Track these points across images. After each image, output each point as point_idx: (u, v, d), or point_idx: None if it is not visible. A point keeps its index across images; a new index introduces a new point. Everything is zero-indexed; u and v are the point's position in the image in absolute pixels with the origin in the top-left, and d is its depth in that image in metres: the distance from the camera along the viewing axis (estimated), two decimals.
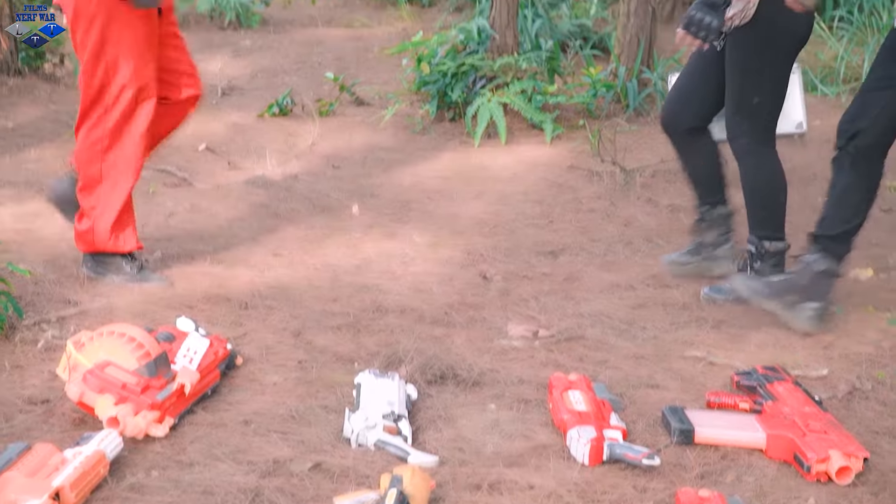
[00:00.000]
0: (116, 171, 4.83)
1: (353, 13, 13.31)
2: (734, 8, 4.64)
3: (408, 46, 9.36)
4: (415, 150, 7.72)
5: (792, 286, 4.50)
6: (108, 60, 4.70)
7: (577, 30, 10.06)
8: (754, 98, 4.69)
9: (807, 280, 4.49)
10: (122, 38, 4.67)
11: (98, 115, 4.81)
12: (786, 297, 4.50)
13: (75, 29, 4.73)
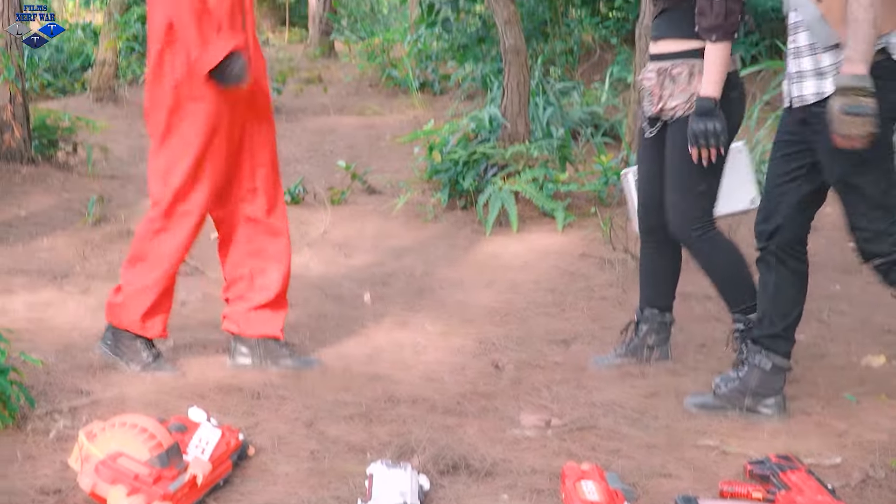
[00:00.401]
0: (160, 254, 4.80)
1: (365, 101, 13.41)
2: (677, 98, 4.71)
3: (419, 135, 9.42)
4: (426, 238, 7.74)
5: (743, 390, 4.49)
6: (173, 149, 4.72)
7: (588, 117, 10.11)
8: (700, 185, 4.74)
9: (756, 381, 4.48)
10: (190, 129, 4.69)
11: (157, 196, 4.78)
12: (740, 402, 4.49)
13: (148, 113, 4.80)
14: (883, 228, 4.16)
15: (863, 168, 4.12)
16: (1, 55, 8.51)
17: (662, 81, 4.77)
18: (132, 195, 8.62)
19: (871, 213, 4.16)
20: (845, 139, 3.94)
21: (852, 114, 3.87)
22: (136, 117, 11.93)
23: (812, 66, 4.19)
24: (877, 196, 4.15)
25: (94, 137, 9.92)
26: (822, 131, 4.15)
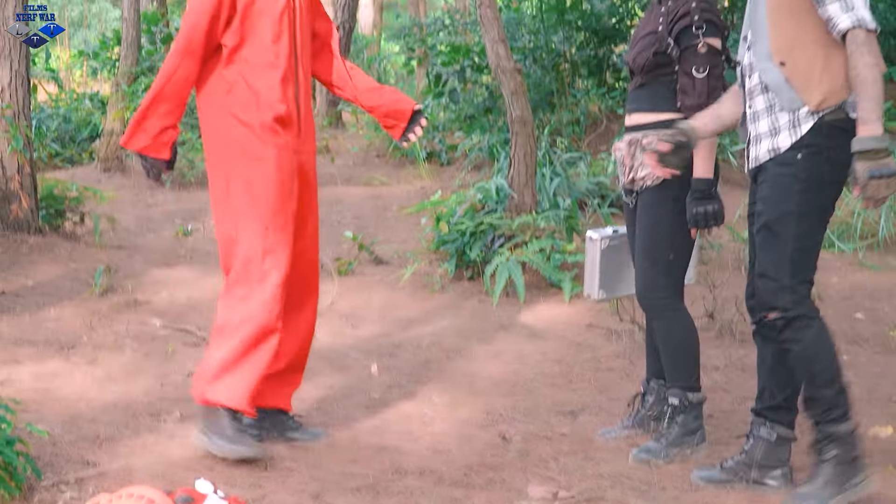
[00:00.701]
0: (243, 324, 4.70)
1: (372, 171, 13.45)
2: (644, 169, 4.74)
3: (426, 206, 9.45)
4: (433, 309, 7.74)
5: (749, 463, 4.48)
6: (234, 212, 4.71)
7: (595, 188, 10.13)
8: (669, 254, 4.78)
9: (762, 453, 4.47)
10: (251, 188, 4.69)
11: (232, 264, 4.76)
12: (746, 475, 4.47)
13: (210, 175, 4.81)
14: (788, 284, 4.16)
15: (791, 220, 4.15)
16: (9, 125, 8.56)
17: (633, 152, 4.83)
18: (139, 265, 8.64)
19: (783, 266, 4.17)
20: (874, 202, 3.95)
21: (878, 177, 3.87)
22: (143, 187, 11.99)
23: (768, 127, 4.21)
24: (794, 251, 4.16)
25: (101, 207, 9.96)
26: (765, 180, 4.21)
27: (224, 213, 4.73)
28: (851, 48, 3.95)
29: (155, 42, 15.90)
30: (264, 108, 4.66)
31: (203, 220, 10.37)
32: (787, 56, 4.12)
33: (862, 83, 3.93)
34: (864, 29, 3.94)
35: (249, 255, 4.65)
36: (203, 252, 9.22)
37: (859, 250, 8.89)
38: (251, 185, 4.65)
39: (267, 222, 4.65)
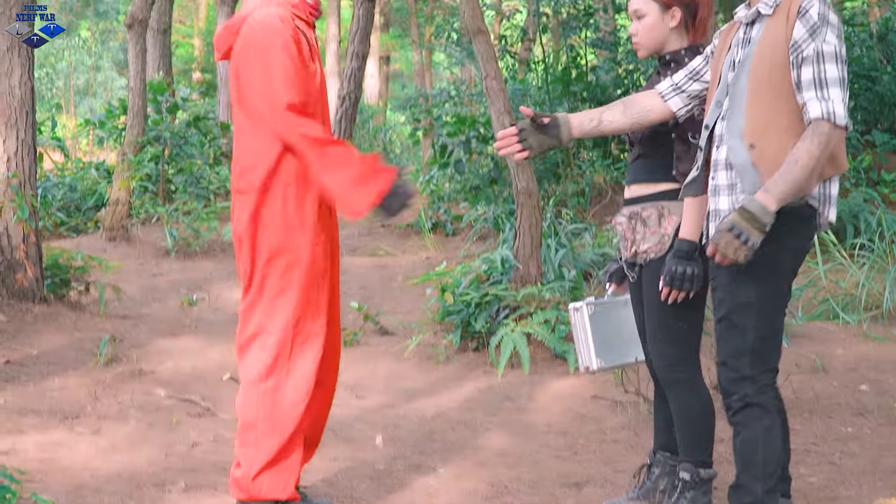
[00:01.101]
0: (283, 418, 4.66)
1: (378, 241, 13.48)
2: (648, 241, 4.73)
3: (431, 276, 9.45)
4: (438, 380, 7.73)
5: None
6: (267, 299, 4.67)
7: (600, 259, 10.14)
8: (682, 325, 4.72)
9: None
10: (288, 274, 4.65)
11: (259, 346, 4.70)
12: None
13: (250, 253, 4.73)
14: (749, 374, 4.12)
15: (750, 311, 4.11)
16: (15, 194, 8.60)
17: (634, 225, 4.81)
18: (144, 335, 8.64)
19: (743, 357, 4.12)
20: (716, 253, 3.95)
21: (736, 235, 3.88)
22: (148, 257, 12.02)
23: (728, 206, 4.18)
24: (754, 341, 4.12)
25: (106, 277, 9.98)
26: (721, 267, 4.15)
27: (257, 298, 4.70)
28: (807, 132, 3.93)
29: (161, 111, 15.97)
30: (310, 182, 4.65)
31: (208, 290, 10.38)
32: (759, 139, 4.08)
33: (792, 162, 3.89)
34: (830, 122, 3.93)
35: (281, 344, 4.63)
36: (208, 322, 9.23)
37: (864, 322, 8.88)
38: (290, 269, 4.64)
39: (301, 311, 4.65)
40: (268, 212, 4.60)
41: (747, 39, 4.26)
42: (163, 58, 19.76)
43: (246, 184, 4.64)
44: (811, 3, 4.05)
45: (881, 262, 9.83)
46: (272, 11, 4.60)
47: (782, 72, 4.07)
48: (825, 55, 3.99)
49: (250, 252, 4.64)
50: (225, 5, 20.13)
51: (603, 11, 14.56)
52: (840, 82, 3.99)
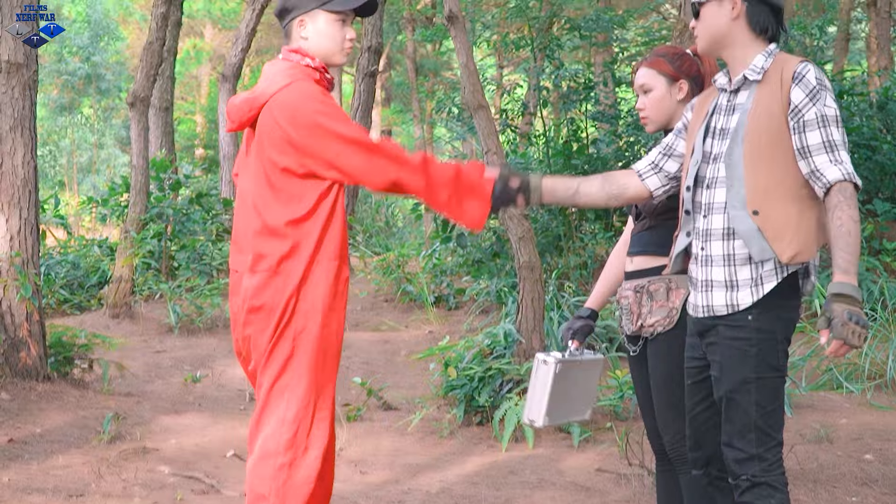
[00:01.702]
0: (295, 494, 4.60)
1: (381, 316, 13.50)
2: (656, 315, 4.71)
3: (435, 351, 9.46)
4: (442, 455, 7.72)
5: None
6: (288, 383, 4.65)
7: (602, 332, 10.15)
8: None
9: None
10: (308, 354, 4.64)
11: (278, 422, 4.63)
12: None
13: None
14: (755, 452, 4.09)
15: (750, 387, 4.09)
16: (18, 273, 8.62)
17: (640, 299, 4.79)
18: (148, 412, 8.64)
19: (748, 434, 4.10)
20: (842, 349, 3.94)
21: (856, 322, 3.87)
22: (152, 334, 12.03)
23: (724, 276, 4.17)
24: (758, 418, 4.09)
25: (110, 354, 9.98)
26: (717, 343, 4.15)
27: (281, 373, 4.68)
28: (839, 199, 3.95)
29: (164, 189, 16.04)
30: (344, 259, 4.68)
31: (212, 367, 10.39)
32: (762, 205, 4.09)
33: (847, 234, 3.92)
34: (852, 183, 3.97)
35: (301, 420, 4.63)
36: (212, 399, 9.23)
37: (867, 391, 8.87)
38: (317, 346, 4.65)
39: (320, 388, 4.66)
40: (309, 287, 4.61)
41: (732, 107, 4.28)
42: (165, 135, 19.89)
43: (272, 262, 4.64)
44: (806, 67, 4.09)
45: (884, 331, 9.84)
46: (307, 86, 4.65)
47: (779, 138, 4.09)
48: (829, 119, 4.03)
49: (280, 327, 4.64)
50: (227, 81, 20.24)
51: (603, 85, 14.64)
52: (845, 145, 4.04)
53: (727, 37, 4.32)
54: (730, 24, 4.31)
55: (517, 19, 14.08)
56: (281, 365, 4.63)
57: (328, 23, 4.79)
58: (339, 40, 4.82)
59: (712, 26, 4.35)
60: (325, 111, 4.56)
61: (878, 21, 23.99)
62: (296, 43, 4.81)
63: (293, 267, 4.60)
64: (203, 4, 39.57)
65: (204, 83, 42.22)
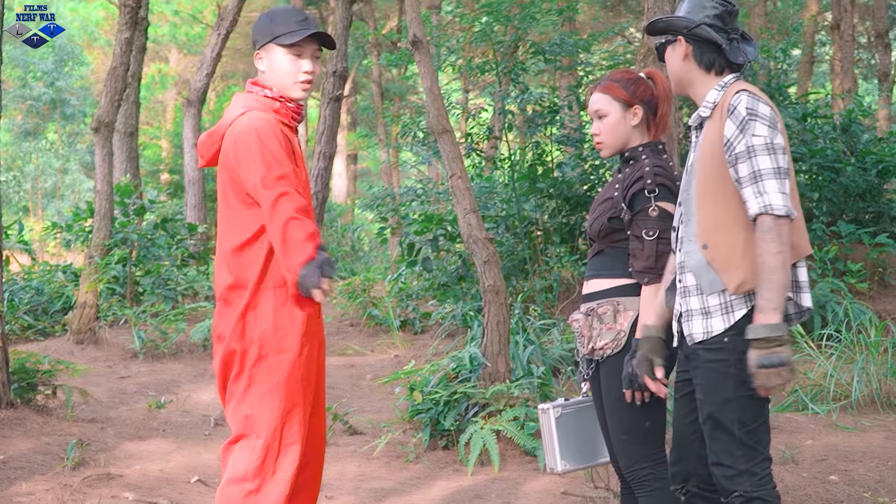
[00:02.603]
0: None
1: (346, 340, 13.48)
2: (605, 338, 4.74)
3: (400, 375, 9.45)
4: (407, 479, 7.70)
5: None
6: (252, 402, 4.66)
7: (568, 354, 10.16)
8: (645, 422, 4.70)
9: None
10: (273, 371, 4.64)
11: (247, 447, 4.65)
12: None
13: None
14: (745, 468, 4.13)
15: (732, 406, 4.13)
16: None
17: (591, 322, 4.81)
18: (112, 439, 8.58)
19: (736, 452, 4.14)
20: (766, 390, 4.00)
21: (768, 366, 3.92)
22: (116, 359, 11.96)
23: (699, 305, 4.24)
24: (742, 436, 4.14)
25: (74, 380, 9.92)
26: (698, 366, 4.23)
27: (242, 403, 4.69)
28: (757, 234, 4.02)
29: (128, 214, 15.99)
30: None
31: (176, 392, 10.34)
32: (710, 238, 4.17)
33: (762, 270, 3.98)
34: (770, 215, 4.00)
35: (270, 446, 4.62)
36: (176, 424, 9.18)
37: (832, 412, 8.91)
38: (279, 370, 4.65)
39: (288, 413, 4.65)
40: (257, 312, 4.64)
41: (695, 145, 4.36)
42: (130, 160, 19.84)
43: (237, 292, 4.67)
44: (738, 98, 4.15)
45: (849, 352, 9.88)
46: (257, 115, 4.70)
47: (722, 171, 4.17)
48: (756, 148, 4.07)
49: (240, 355, 4.65)
50: (192, 106, 20.24)
51: (568, 108, 14.68)
52: (775, 172, 4.05)
53: (685, 77, 4.43)
54: (683, 65, 4.41)
55: (482, 43, 14.09)
56: (243, 390, 4.65)
57: (280, 56, 4.89)
58: (293, 73, 4.87)
59: (672, 69, 4.47)
60: (262, 144, 4.61)
61: (842, 44, 24.19)
62: (259, 75, 4.90)
63: (238, 295, 4.65)
64: (168, 29, 39.54)
65: (169, 108, 42.14)
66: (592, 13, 31.07)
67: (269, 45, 4.87)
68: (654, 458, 4.72)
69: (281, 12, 4.94)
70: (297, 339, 4.64)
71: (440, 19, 25.10)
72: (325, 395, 5.03)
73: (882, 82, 26.59)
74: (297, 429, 4.65)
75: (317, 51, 4.95)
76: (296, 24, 4.88)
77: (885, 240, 12.74)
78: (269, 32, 4.87)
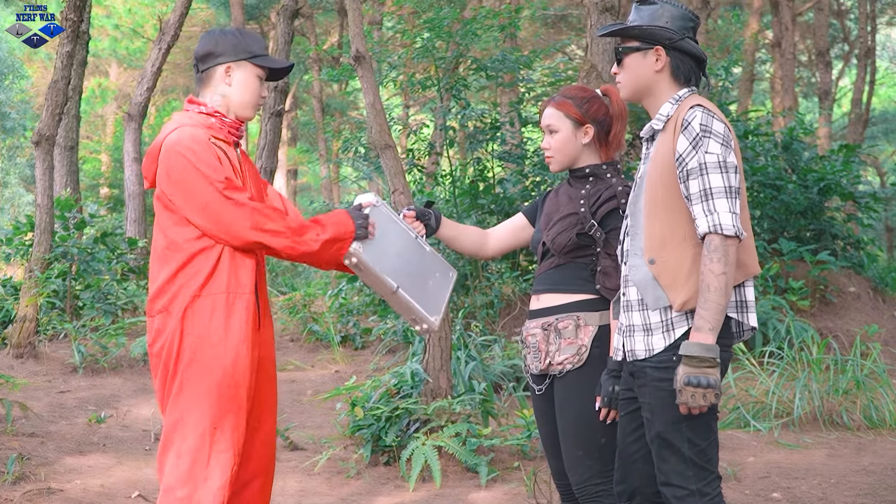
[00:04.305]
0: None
1: (287, 356, 13.45)
2: (565, 352, 4.74)
3: (341, 391, 9.45)
4: (349, 495, 7.71)
5: None
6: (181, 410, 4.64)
7: (509, 371, 10.20)
8: (601, 439, 4.69)
9: None
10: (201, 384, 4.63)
11: (175, 454, 4.63)
12: None
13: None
14: (696, 488, 4.13)
15: (681, 426, 4.12)
16: None
17: (548, 336, 4.80)
18: (52, 453, 8.53)
19: (686, 472, 4.14)
20: (689, 408, 4.01)
21: (695, 385, 3.94)
22: (56, 373, 11.88)
23: (641, 321, 4.25)
24: (693, 455, 4.13)
25: (13, 394, 9.86)
26: (646, 384, 4.21)
27: (172, 409, 4.69)
28: (703, 252, 4.02)
29: (68, 228, 15.90)
30: (240, 293, 4.70)
31: (116, 407, 10.29)
32: (658, 253, 4.18)
33: (705, 289, 3.99)
34: (719, 235, 4.01)
35: (197, 452, 4.62)
36: (117, 439, 9.14)
37: (774, 429, 8.99)
38: (209, 378, 4.65)
39: (218, 421, 4.64)
40: (194, 318, 4.64)
41: (646, 156, 4.37)
42: (70, 174, 19.72)
43: (170, 300, 4.68)
44: (693, 114, 4.14)
45: (791, 369, 9.98)
46: (186, 132, 4.69)
47: (672, 186, 4.16)
48: (708, 166, 4.07)
49: (174, 361, 4.65)
50: (132, 121, 20.14)
51: (509, 125, 14.75)
52: (726, 191, 4.06)
53: (650, 87, 4.38)
54: (654, 75, 4.36)
55: (423, 59, 14.12)
56: (174, 398, 4.66)
57: (252, 76, 4.91)
58: (258, 95, 4.95)
59: (637, 76, 4.40)
60: (194, 159, 4.63)
61: (783, 62, 24.45)
62: (213, 89, 4.90)
63: (175, 303, 4.67)
64: (109, 43, 39.32)
65: (109, 122, 41.91)
66: (534, 30, 31.21)
67: (243, 63, 4.89)
68: (606, 475, 4.70)
69: (249, 34, 4.99)
70: (232, 346, 4.64)
71: (382, 35, 25.13)
72: (275, 411, 5.02)
73: (822, 100, 26.91)
74: (229, 436, 4.63)
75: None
76: (265, 50, 4.98)
77: (827, 257, 12.89)
78: (246, 50, 4.88)
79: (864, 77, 28.83)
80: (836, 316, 12.74)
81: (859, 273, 13.96)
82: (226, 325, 4.65)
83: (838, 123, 37.29)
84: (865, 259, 14.34)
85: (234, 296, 4.66)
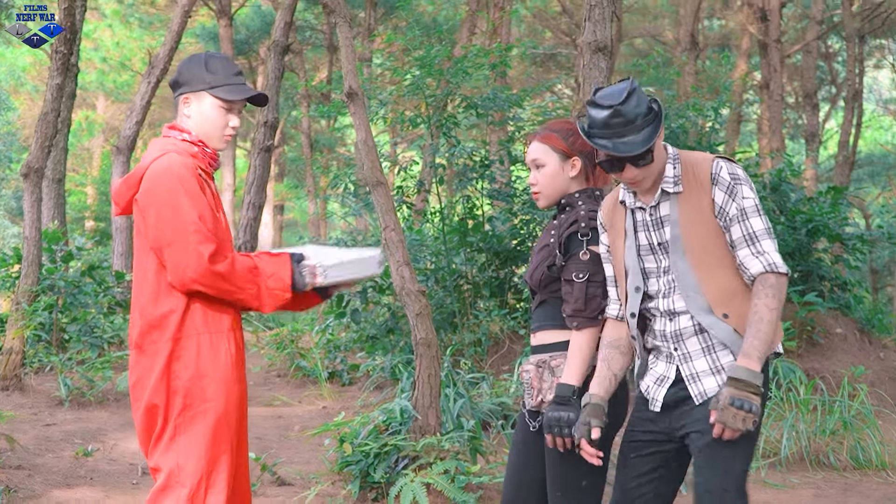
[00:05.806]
0: None
1: (274, 391, 13.43)
2: (553, 392, 4.69)
3: (329, 427, 9.42)
4: None
5: None
6: (178, 450, 4.64)
7: (497, 408, 10.19)
8: (582, 481, 4.66)
9: None
10: (198, 420, 4.63)
11: (172, 497, 4.62)
12: None
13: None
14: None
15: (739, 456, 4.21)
16: None
17: (541, 374, 4.77)
18: (39, 486, 8.49)
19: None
20: (725, 429, 4.05)
21: (738, 407, 3.99)
22: (42, 406, 11.84)
23: (708, 365, 4.29)
24: (740, 475, 4.23)
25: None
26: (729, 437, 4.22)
27: (167, 454, 4.67)
28: (758, 287, 4.12)
29: (55, 260, 15.87)
30: (221, 331, 4.70)
31: (103, 440, 10.25)
32: (729, 307, 4.24)
33: (758, 321, 4.08)
34: (774, 273, 4.12)
35: (194, 495, 4.59)
36: (103, 472, 9.10)
37: (762, 469, 9.00)
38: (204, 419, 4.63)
39: (213, 462, 4.63)
40: (181, 363, 4.61)
41: (658, 221, 4.36)
42: (57, 206, 19.71)
43: (152, 339, 4.66)
44: (719, 166, 4.24)
45: (778, 409, 9.99)
46: (175, 159, 4.67)
47: (718, 240, 4.24)
48: (747, 210, 4.19)
49: (165, 406, 4.63)
50: (121, 154, 20.16)
51: (499, 163, 14.78)
52: (768, 232, 4.18)
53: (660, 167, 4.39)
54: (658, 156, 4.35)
55: (413, 96, 14.15)
56: (169, 439, 4.64)
57: (212, 107, 4.85)
58: (220, 126, 4.86)
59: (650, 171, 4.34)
60: (183, 206, 4.61)
61: (771, 104, 24.56)
62: (180, 118, 4.88)
63: (153, 343, 4.65)
64: (96, 76, 39.40)
65: (96, 155, 41.95)
66: (523, 69, 31.38)
67: (202, 93, 4.85)
68: None
69: (216, 61, 4.89)
70: (221, 387, 4.63)
71: (371, 72, 25.20)
72: (247, 441, 5.01)
73: (810, 142, 27.01)
74: (223, 476, 4.63)
75: (243, 106, 4.97)
76: (233, 78, 4.87)
77: (814, 298, 12.90)
78: (204, 81, 4.82)
79: (852, 119, 28.94)
80: (823, 357, 12.76)
81: (846, 314, 13.97)
82: (214, 365, 4.64)
83: (825, 165, 37.49)
84: (852, 300, 14.36)
85: (216, 334, 4.66)
